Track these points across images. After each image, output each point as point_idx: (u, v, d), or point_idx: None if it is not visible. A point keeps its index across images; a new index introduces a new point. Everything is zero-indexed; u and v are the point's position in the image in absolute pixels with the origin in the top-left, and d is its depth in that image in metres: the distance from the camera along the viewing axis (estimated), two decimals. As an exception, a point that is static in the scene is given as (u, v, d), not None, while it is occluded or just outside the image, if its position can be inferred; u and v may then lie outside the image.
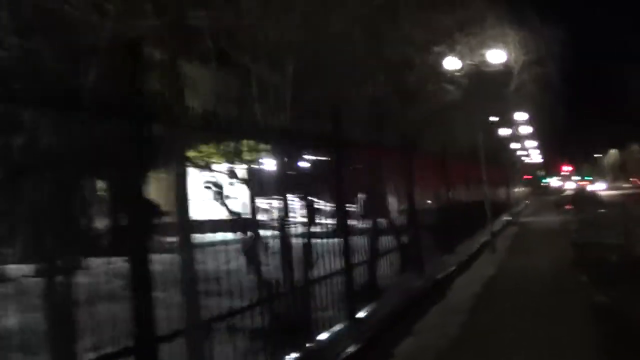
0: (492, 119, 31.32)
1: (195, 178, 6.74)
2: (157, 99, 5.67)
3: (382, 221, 12.97)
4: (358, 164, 11.14)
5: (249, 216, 8.31)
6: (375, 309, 10.14)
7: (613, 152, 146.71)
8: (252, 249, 8.61)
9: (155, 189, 5.75)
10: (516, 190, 52.31)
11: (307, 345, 7.89)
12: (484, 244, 21.34)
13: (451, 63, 21.83)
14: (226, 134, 7.08)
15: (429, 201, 17.09)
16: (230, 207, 7.76)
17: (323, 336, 8.37)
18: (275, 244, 8.06)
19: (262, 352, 7.00)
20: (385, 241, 12.20)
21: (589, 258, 17.86)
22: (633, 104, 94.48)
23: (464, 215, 21.14)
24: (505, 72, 25.99)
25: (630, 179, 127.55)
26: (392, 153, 13.52)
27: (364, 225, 11.21)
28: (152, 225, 5.39)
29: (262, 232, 7.98)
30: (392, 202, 14.21)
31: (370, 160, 11.79)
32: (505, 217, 35.31)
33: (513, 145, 46.28)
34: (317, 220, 8.91)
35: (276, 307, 7.69)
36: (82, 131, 5.14)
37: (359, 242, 10.45)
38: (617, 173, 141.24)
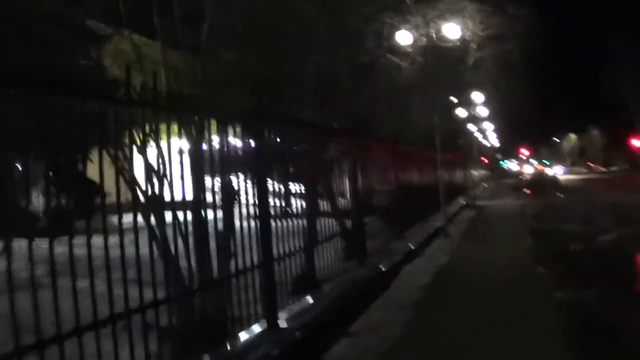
0: (450, 99, 30.21)
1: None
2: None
3: (325, 205, 11.92)
4: (293, 143, 10.01)
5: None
6: (310, 304, 8.93)
7: (572, 136, 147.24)
8: (161, 234, 7.77)
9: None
10: (474, 173, 51.37)
11: (222, 348, 6.85)
12: (438, 229, 20.19)
13: (404, 37, 20.54)
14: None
15: (379, 185, 15.92)
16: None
17: (242, 338, 7.20)
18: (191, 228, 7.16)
19: (169, 354, 6.37)
20: (328, 227, 11.02)
21: (549, 247, 16.82)
22: (602, 88, 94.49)
23: (416, 199, 19.96)
24: (463, 48, 24.62)
25: (588, 163, 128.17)
26: (337, 133, 12.32)
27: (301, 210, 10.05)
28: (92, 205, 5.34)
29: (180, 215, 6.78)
30: (339, 186, 12.97)
31: (310, 140, 10.58)
32: (462, 201, 34.29)
33: (470, 127, 45.25)
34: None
35: (187, 302, 6.80)
36: (15, 107, 4.91)
37: (294, 227, 9.36)
38: (576, 158, 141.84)
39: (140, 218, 6.29)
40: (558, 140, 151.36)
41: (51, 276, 4.62)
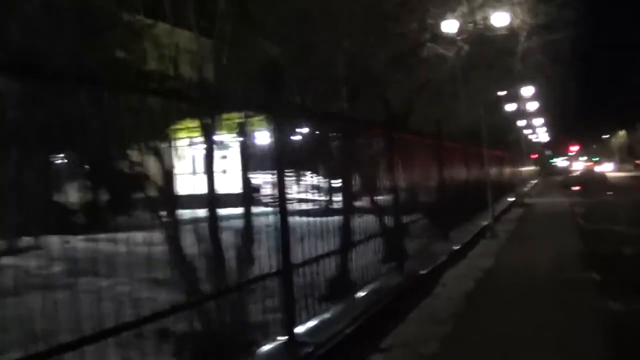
0: (497, 93, 29.03)
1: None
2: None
3: (365, 203, 11.19)
4: (319, 136, 9.14)
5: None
6: (338, 314, 8.05)
7: (621, 133, 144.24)
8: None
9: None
10: (522, 170, 49.94)
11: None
12: (484, 228, 19.15)
13: (450, 25, 19.45)
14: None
15: (422, 182, 14.99)
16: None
17: (259, 353, 6.39)
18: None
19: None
20: (366, 226, 10.32)
21: (600, 250, 15.67)
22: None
23: (462, 198, 18.97)
24: (511, 38, 23.35)
25: (636, 162, 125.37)
26: (369, 126, 11.40)
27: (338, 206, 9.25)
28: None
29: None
30: (378, 183, 12.08)
31: (340, 133, 9.72)
32: (510, 199, 33.09)
33: (519, 123, 43.89)
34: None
35: (201, 312, 6.08)
36: (50, 100, 4.76)
37: (330, 225, 8.80)
38: (625, 155, 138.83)
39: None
40: (607, 137, 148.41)
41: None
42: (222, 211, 7.19)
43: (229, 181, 7.40)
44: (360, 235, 9.99)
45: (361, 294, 9.26)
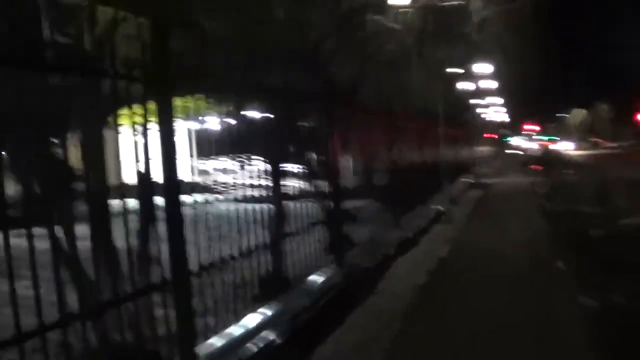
0: (454, 70, 27.81)
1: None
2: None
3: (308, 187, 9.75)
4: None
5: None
6: (270, 317, 6.74)
7: (579, 111, 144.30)
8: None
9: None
10: (480, 149, 48.90)
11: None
12: (439, 212, 17.92)
13: (398, -5, 18.11)
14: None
15: (371, 164, 13.72)
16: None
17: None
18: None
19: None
20: (307, 214, 9.05)
21: (565, 234, 14.52)
22: (611, 62, 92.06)
23: (416, 180, 17.71)
24: (466, 7, 21.86)
25: (593, 139, 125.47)
26: (307, 101, 10.02)
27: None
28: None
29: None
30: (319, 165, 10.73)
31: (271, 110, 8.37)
32: (468, 179, 31.98)
33: (476, 102, 42.82)
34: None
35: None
36: None
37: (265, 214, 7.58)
38: (584, 133, 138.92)
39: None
40: (567, 116, 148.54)
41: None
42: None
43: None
44: (297, 224, 8.67)
45: (296, 292, 7.94)
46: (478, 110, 44.81)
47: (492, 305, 8.62)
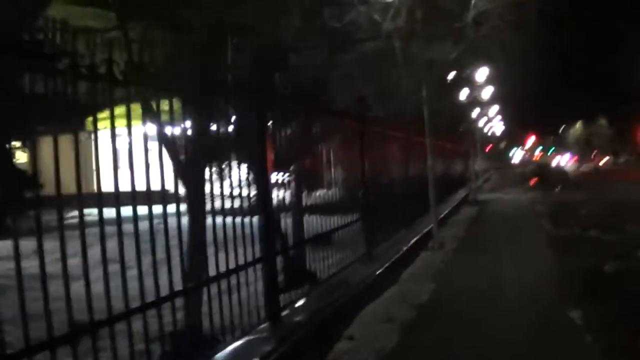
0: (447, 76, 25.16)
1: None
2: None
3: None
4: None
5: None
6: None
7: (578, 125, 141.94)
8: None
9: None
10: (476, 163, 46.04)
11: None
12: (425, 236, 15.18)
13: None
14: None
15: (342, 180, 11.12)
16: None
17: None
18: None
19: None
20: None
21: (575, 269, 11.83)
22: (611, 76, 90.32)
23: (398, 198, 15.03)
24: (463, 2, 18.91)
25: (592, 154, 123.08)
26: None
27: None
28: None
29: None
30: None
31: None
32: (462, 195, 29.28)
33: (473, 112, 39.98)
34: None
35: None
36: None
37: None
38: (583, 147, 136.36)
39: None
40: (564, 128, 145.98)
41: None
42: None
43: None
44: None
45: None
46: (475, 120, 41.90)
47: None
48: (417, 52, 15.52)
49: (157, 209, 5.36)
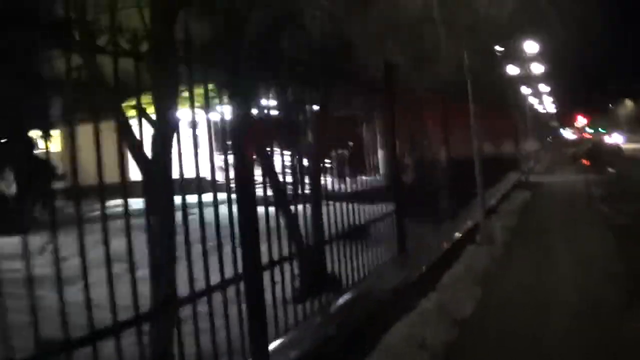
0: (496, 48, 23.04)
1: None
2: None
3: None
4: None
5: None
6: None
7: (628, 103, 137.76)
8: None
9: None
10: (528, 143, 43.62)
11: None
12: (472, 228, 13.14)
13: None
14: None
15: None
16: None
17: None
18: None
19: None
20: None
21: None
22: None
23: (439, 183, 13.07)
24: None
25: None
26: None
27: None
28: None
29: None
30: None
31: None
32: (513, 179, 27.16)
33: (523, 89, 37.66)
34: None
35: None
36: None
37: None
38: (633, 125, 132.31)
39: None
40: (613, 107, 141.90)
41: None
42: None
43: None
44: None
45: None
46: (526, 97, 39.56)
47: None
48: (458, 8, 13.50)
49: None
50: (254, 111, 5.48)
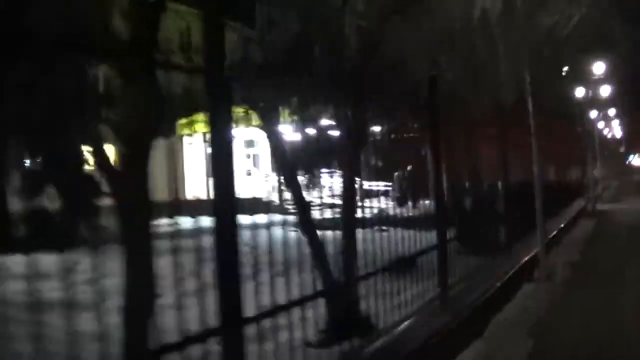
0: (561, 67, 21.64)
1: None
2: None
3: None
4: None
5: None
6: None
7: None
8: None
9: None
10: (594, 169, 41.69)
11: None
12: (526, 263, 11.70)
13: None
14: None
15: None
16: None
17: None
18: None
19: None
20: None
21: None
22: None
23: (489, 216, 11.80)
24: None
25: None
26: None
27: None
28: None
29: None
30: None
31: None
32: (578, 207, 25.56)
33: (590, 113, 35.90)
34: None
35: None
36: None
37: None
38: None
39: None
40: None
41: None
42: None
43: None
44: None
45: None
46: (594, 121, 37.81)
47: None
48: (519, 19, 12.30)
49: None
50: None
